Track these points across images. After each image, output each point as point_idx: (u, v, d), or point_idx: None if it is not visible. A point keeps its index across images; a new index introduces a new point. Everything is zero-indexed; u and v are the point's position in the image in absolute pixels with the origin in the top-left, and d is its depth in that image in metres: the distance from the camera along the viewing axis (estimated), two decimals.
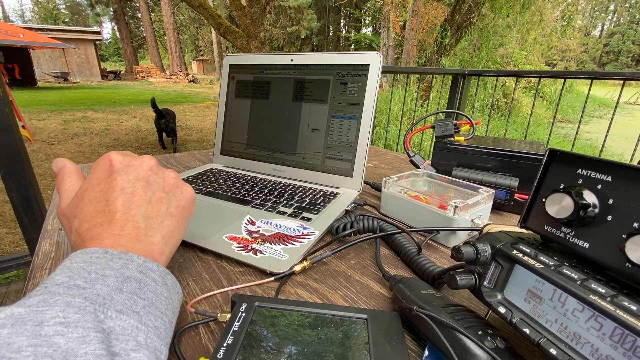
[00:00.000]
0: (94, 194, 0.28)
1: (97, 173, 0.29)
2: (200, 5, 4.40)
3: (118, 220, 0.26)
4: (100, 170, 0.29)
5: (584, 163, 0.23)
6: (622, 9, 36.51)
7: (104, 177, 0.29)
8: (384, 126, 3.91)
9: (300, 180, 0.63)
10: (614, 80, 1.86)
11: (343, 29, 24.63)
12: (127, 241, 0.25)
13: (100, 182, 0.28)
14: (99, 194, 0.28)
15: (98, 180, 0.28)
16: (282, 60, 0.64)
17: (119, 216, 0.26)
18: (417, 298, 0.29)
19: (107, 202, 0.27)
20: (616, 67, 32.68)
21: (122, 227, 0.26)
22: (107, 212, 0.26)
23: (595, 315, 0.19)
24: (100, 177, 0.29)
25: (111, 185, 0.28)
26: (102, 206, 0.27)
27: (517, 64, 7.37)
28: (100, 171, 0.29)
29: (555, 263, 0.22)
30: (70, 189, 0.30)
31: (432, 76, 3.64)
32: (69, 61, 13.96)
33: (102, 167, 0.29)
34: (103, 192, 0.28)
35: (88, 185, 0.29)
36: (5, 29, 9.12)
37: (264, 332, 0.26)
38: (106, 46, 35.20)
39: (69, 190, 0.30)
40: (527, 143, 0.65)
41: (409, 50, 8.28)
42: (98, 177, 0.29)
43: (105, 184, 0.28)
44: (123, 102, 8.01)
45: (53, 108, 6.67)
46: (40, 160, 3.43)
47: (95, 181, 0.28)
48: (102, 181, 0.28)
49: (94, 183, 0.28)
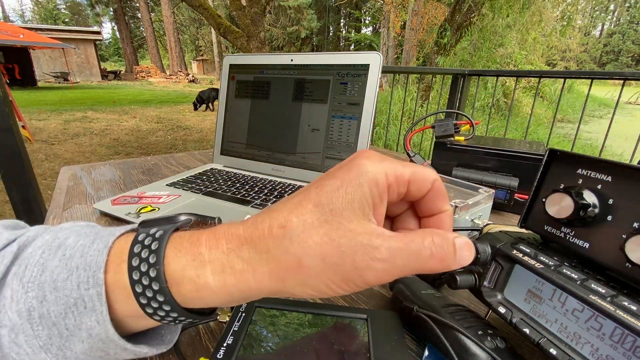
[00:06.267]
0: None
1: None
2: (200, 5, 4.40)
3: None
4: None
5: (584, 163, 0.23)
6: (622, 9, 36.53)
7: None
8: (384, 126, 3.91)
9: (300, 180, 0.63)
10: (614, 80, 1.86)
11: (343, 29, 24.64)
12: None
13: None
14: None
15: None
16: (282, 60, 0.64)
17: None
18: (417, 298, 0.29)
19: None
20: (616, 67, 32.67)
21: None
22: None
23: (595, 315, 0.19)
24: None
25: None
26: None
27: (517, 64, 7.37)
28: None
29: (555, 263, 0.22)
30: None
31: (432, 76, 3.64)
32: (69, 61, 13.96)
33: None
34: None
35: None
36: (5, 29, 9.13)
37: (264, 332, 0.26)
38: (106, 46, 35.20)
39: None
40: (527, 143, 0.65)
41: (409, 50, 8.27)
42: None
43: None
44: (123, 102, 8.01)
45: (53, 108, 6.67)
46: (40, 160, 3.43)
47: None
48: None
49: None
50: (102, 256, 0.19)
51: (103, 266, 0.19)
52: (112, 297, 0.19)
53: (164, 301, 0.18)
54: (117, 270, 0.19)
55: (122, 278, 0.19)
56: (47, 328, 0.18)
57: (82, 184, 0.65)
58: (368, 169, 0.18)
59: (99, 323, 0.18)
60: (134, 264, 0.18)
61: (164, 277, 0.18)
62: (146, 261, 0.18)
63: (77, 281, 0.18)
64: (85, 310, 0.18)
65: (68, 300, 0.18)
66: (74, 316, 0.18)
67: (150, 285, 0.18)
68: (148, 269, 0.18)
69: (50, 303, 0.18)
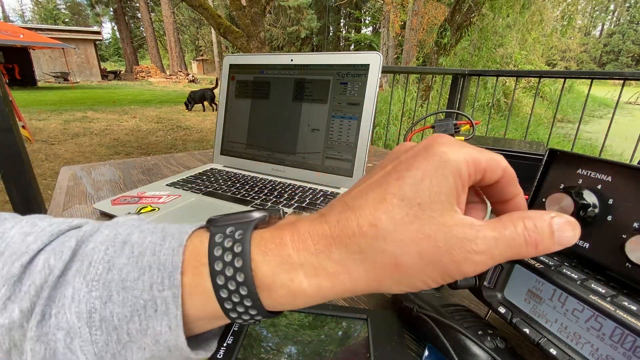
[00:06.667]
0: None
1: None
2: (200, 5, 4.40)
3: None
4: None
5: (584, 163, 0.23)
6: (622, 9, 36.52)
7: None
8: (384, 126, 3.91)
9: (300, 180, 0.63)
10: (614, 80, 1.86)
11: (343, 29, 24.63)
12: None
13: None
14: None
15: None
16: (282, 60, 0.64)
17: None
18: (417, 298, 0.29)
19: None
20: (616, 67, 32.67)
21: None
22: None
23: (595, 315, 0.19)
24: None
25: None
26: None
27: (517, 64, 7.37)
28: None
29: (555, 263, 0.22)
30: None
31: (432, 76, 3.64)
32: (69, 61, 13.96)
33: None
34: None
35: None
36: (5, 29, 9.13)
37: (264, 332, 0.26)
38: (106, 46, 35.20)
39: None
40: (527, 143, 0.65)
41: (409, 50, 8.28)
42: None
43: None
44: (123, 102, 8.01)
45: (53, 108, 6.67)
46: (40, 160, 3.43)
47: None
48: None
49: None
50: (178, 256, 0.18)
51: (180, 267, 0.17)
52: (188, 301, 0.17)
53: (251, 306, 0.17)
54: (196, 273, 0.17)
55: (203, 282, 0.17)
56: (106, 333, 0.17)
57: (82, 184, 0.65)
58: (450, 158, 0.17)
59: (170, 329, 0.17)
60: (217, 267, 0.17)
61: (253, 282, 0.17)
62: (231, 265, 0.17)
63: (150, 282, 0.17)
64: (156, 313, 0.17)
65: (137, 302, 0.17)
66: (140, 320, 0.17)
67: (237, 291, 0.17)
68: (234, 273, 0.17)
69: (116, 304, 0.17)
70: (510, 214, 0.17)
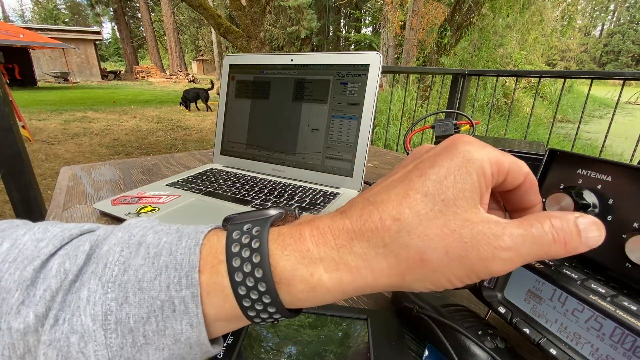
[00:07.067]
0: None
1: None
2: (200, 5, 4.40)
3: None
4: None
5: (584, 163, 0.23)
6: (622, 9, 36.51)
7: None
8: (384, 126, 3.91)
9: (300, 180, 0.63)
10: (614, 80, 1.86)
11: (343, 29, 24.63)
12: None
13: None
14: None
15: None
16: (282, 60, 0.64)
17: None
18: (417, 298, 0.29)
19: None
20: (616, 67, 32.67)
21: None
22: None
23: (595, 315, 0.19)
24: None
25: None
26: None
27: (517, 64, 7.37)
28: None
29: (555, 263, 0.22)
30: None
31: (432, 76, 3.64)
32: (69, 61, 13.96)
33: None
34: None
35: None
36: (5, 29, 9.13)
37: (264, 332, 0.26)
38: (106, 46, 35.20)
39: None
40: (527, 143, 0.65)
41: (409, 50, 8.27)
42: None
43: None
44: (123, 102, 8.01)
45: (53, 108, 6.67)
46: (40, 160, 3.43)
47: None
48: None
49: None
50: (195, 255, 0.17)
51: (197, 265, 0.17)
52: (206, 300, 0.17)
53: (270, 303, 0.17)
54: (213, 272, 0.17)
55: (220, 280, 0.17)
56: (121, 336, 0.16)
57: (82, 184, 0.65)
58: (474, 156, 0.17)
59: (192, 326, 0.17)
60: (234, 264, 0.17)
61: (272, 277, 0.17)
62: (249, 261, 0.17)
63: (167, 282, 0.17)
64: (174, 314, 0.17)
65: (154, 303, 0.16)
66: (157, 321, 0.16)
67: (255, 287, 0.17)
68: (252, 269, 0.17)
69: (132, 306, 0.16)
70: (536, 214, 0.17)
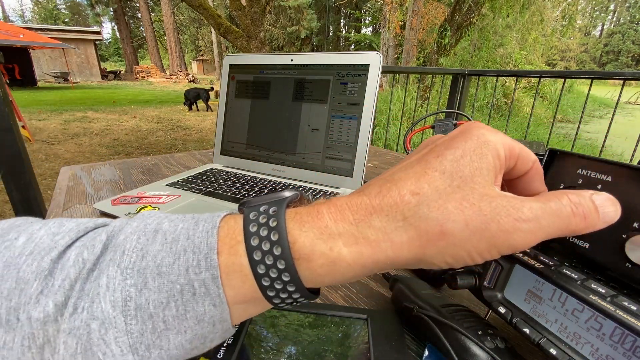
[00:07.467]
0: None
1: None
2: (200, 5, 4.40)
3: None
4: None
5: (584, 163, 0.23)
6: (622, 9, 36.52)
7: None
8: (384, 126, 3.91)
9: (300, 180, 0.63)
10: (614, 80, 1.86)
11: (343, 29, 24.63)
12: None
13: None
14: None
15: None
16: (282, 60, 0.64)
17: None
18: (417, 298, 0.29)
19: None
20: (616, 67, 32.67)
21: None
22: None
23: (595, 315, 0.19)
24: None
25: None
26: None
27: (517, 64, 7.37)
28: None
29: (555, 263, 0.22)
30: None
31: (432, 76, 3.64)
32: (69, 61, 13.96)
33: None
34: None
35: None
36: (5, 29, 9.14)
37: (264, 332, 0.26)
38: (106, 46, 35.20)
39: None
40: (527, 143, 0.65)
41: (409, 50, 8.27)
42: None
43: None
44: (123, 102, 8.01)
45: (53, 108, 6.67)
46: (40, 160, 3.43)
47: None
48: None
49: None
50: (213, 237, 0.17)
51: (216, 247, 0.17)
52: (226, 282, 0.17)
53: (289, 280, 0.17)
54: (232, 252, 0.17)
55: (239, 260, 0.17)
56: (141, 322, 0.16)
57: (82, 184, 0.65)
58: (489, 139, 0.17)
59: (215, 306, 0.17)
60: (253, 243, 0.17)
61: (290, 254, 0.16)
62: (267, 239, 0.17)
63: (186, 265, 0.17)
64: (194, 297, 0.17)
65: (173, 287, 0.16)
66: (177, 306, 0.17)
67: (274, 265, 0.17)
68: (271, 247, 0.17)
69: (152, 291, 0.16)
70: (551, 192, 0.17)
